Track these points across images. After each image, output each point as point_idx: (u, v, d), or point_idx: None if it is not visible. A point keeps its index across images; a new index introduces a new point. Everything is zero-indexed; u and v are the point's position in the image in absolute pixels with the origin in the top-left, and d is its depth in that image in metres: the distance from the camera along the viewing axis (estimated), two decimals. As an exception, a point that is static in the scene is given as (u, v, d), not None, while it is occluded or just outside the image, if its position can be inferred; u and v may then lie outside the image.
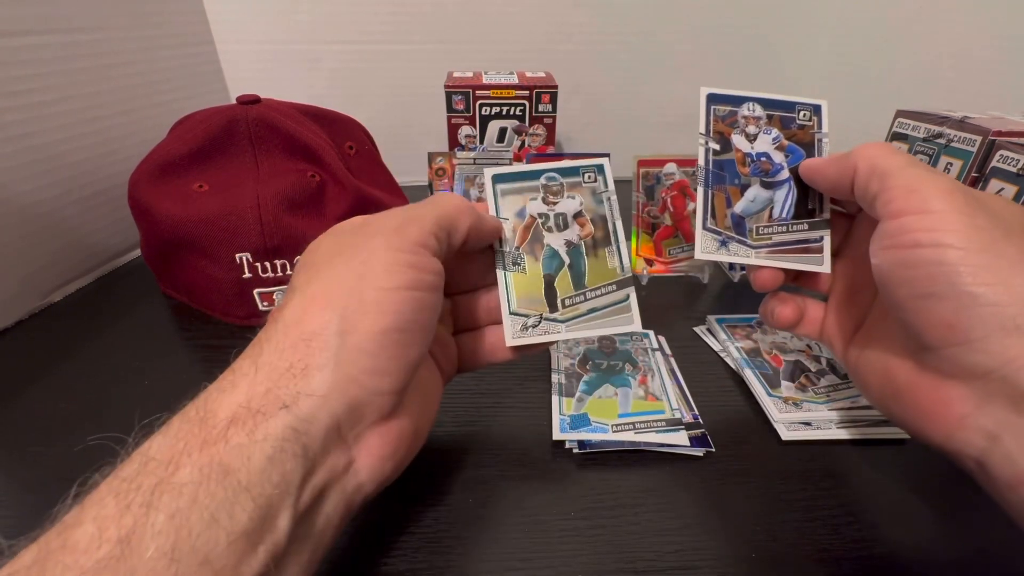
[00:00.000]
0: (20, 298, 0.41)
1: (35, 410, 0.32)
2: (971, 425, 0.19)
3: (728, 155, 0.29)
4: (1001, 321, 0.18)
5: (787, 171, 0.29)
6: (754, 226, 0.28)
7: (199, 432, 0.16)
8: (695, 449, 0.29)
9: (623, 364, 0.35)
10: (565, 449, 0.29)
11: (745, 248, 0.28)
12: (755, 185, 0.29)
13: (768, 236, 0.28)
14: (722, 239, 0.28)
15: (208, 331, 0.39)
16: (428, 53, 0.68)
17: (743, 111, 0.30)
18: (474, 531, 0.25)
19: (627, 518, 0.26)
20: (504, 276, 0.27)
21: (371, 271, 0.20)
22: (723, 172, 0.29)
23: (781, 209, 0.28)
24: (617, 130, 0.77)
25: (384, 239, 0.20)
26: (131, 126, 0.50)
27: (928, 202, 0.20)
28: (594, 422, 0.30)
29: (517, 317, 0.27)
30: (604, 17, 0.69)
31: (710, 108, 0.29)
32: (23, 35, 0.40)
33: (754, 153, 0.29)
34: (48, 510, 0.15)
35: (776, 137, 0.29)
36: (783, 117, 0.30)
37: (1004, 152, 0.32)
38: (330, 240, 0.22)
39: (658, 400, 0.32)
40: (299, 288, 0.20)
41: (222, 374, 0.19)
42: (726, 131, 0.29)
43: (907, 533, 0.25)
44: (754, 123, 0.29)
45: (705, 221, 0.28)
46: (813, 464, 0.29)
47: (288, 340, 0.19)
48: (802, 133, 0.29)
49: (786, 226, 0.28)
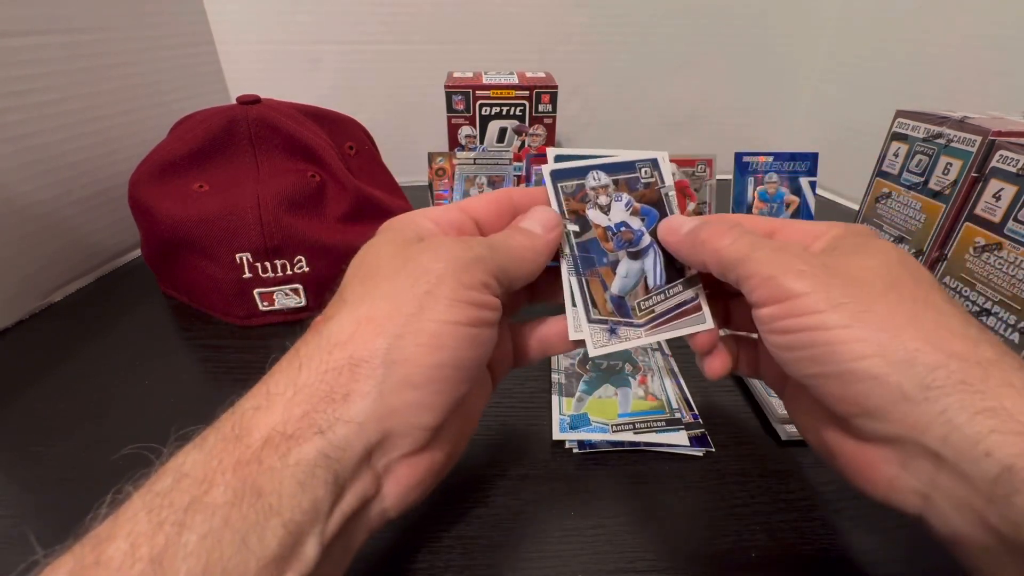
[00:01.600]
0: (20, 298, 0.41)
1: (35, 410, 0.32)
2: (902, 487, 0.18)
3: (589, 234, 0.27)
4: (889, 392, 0.17)
5: (647, 235, 0.27)
6: (634, 302, 0.26)
7: (234, 450, 0.16)
8: (695, 449, 0.29)
9: (623, 364, 0.35)
10: (565, 449, 0.29)
11: (633, 329, 0.26)
12: (624, 259, 0.27)
13: (651, 309, 0.26)
14: (609, 327, 0.26)
15: (208, 331, 0.39)
16: (428, 53, 0.68)
17: (589, 182, 0.28)
18: (473, 531, 0.25)
19: (627, 518, 0.26)
20: (575, 283, 0.26)
21: (434, 302, 0.19)
22: (590, 254, 0.27)
23: (654, 277, 0.27)
24: (617, 130, 0.77)
25: (452, 271, 0.19)
26: (131, 126, 0.50)
27: (787, 288, 0.19)
28: (594, 422, 0.30)
29: (595, 325, 0.25)
30: (604, 17, 0.69)
31: (557, 187, 0.27)
32: (24, 35, 0.40)
33: (612, 225, 0.27)
34: (48, 510, 0.15)
35: (628, 202, 0.27)
36: (628, 179, 0.28)
37: (1004, 152, 0.32)
38: (390, 250, 0.21)
39: (658, 400, 0.32)
40: (351, 302, 0.20)
41: (258, 385, 0.18)
42: (580, 208, 0.27)
43: (907, 533, 0.25)
44: (603, 192, 0.28)
45: (589, 314, 0.26)
46: (813, 464, 0.29)
47: (332, 362, 0.18)
48: (649, 192, 0.28)
49: (663, 293, 0.26)
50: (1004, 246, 0.31)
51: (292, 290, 0.39)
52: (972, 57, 0.54)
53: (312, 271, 0.39)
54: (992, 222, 0.32)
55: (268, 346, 0.38)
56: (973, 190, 0.33)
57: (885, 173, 0.40)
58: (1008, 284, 0.30)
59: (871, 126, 0.47)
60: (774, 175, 0.46)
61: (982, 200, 0.33)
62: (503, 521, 0.25)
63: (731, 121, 0.79)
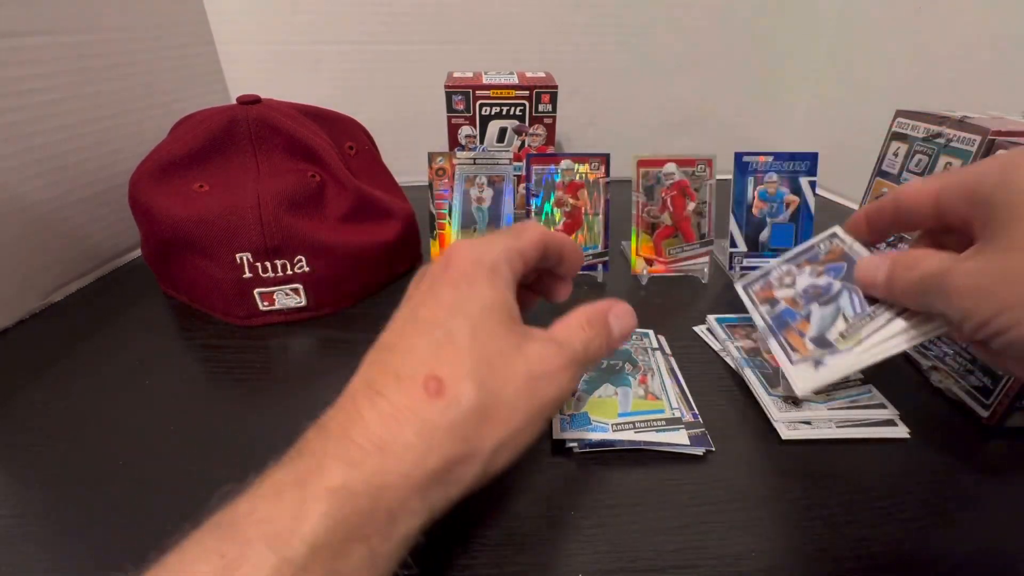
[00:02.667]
0: (20, 298, 0.41)
1: (35, 410, 0.32)
2: None
3: (781, 306, 0.32)
4: None
5: (837, 283, 0.30)
6: (835, 335, 0.28)
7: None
8: (695, 448, 0.29)
9: (623, 363, 0.35)
10: (565, 448, 0.29)
11: (841, 355, 0.27)
12: (815, 309, 0.30)
13: (857, 333, 0.28)
14: (814, 361, 0.28)
15: (208, 331, 0.39)
16: (428, 53, 0.68)
17: (773, 276, 0.34)
18: (473, 530, 0.25)
19: (627, 517, 0.26)
20: (775, 344, 0.30)
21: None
22: (783, 318, 0.31)
23: (853, 309, 0.29)
24: (617, 130, 0.77)
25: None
26: (131, 126, 0.50)
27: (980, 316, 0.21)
28: (594, 421, 0.30)
29: (799, 365, 0.28)
30: (604, 17, 0.69)
31: (749, 293, 0.34)
32: (24, 35, 0.40)
33: (800, 291, 0.32)
34: (48, 510, 0.15)
35: (811, 271, 0.32)
36: (809, 256, 0.33)
37: (1003, 152, 0.32)
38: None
39: (658, 399, 0.32)
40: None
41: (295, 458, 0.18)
42: (770, 295, 0.33)
43: (906, 533, 0.25)
44: (788, 276, 0.33)
45: (791, 359, 0.29)
46: (813, 464, 0.29)
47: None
48: (831, 255, 0.32)
49: (867, 316, 0.28)
50: (1004, 246, 0.31)
51: (292, 290, 0.39)
52: (972, 57, 0.54)
53: (312, 271, 0.39)
54: (992, 222, 0.32)
55: (268, 346, 0.38)
56: (973, 190, 0.33)
57: (885, 173, 0.40)
58: (1008, 284, 0.30)
59: (871, 126, 0.47)
60: (774, 175, 0.46)
61: (982, 200, 0.33)
62: (503, 520, 0.25)
63: (731, 121, 0.79)
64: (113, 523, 0.25)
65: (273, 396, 0.33)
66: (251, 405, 0.33)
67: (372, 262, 0.43)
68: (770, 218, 0.47)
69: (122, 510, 0.26)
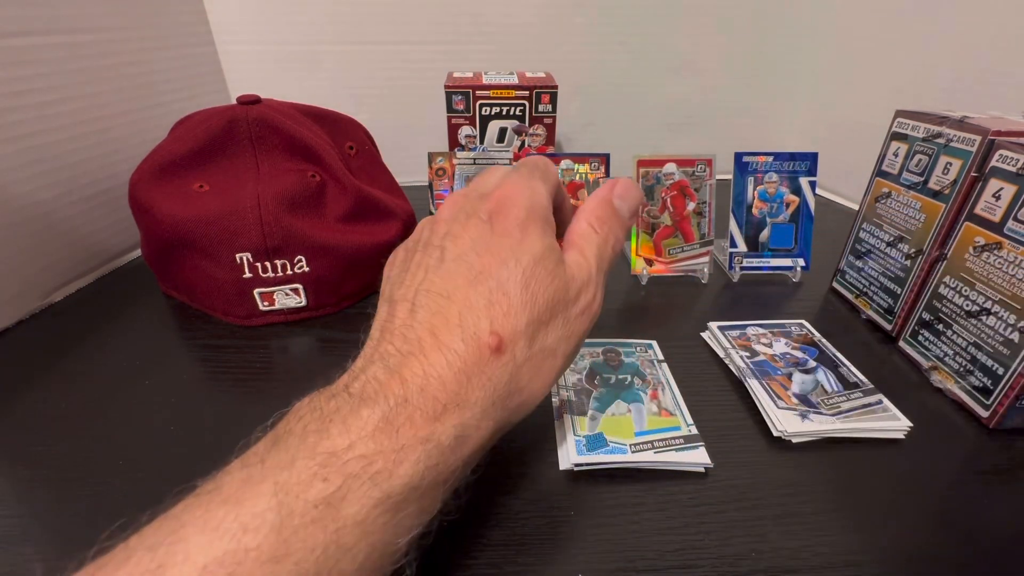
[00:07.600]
0: (20, 298, 0.41)
1: (35, 410, 0.32)
2: None
3: (760, 357, 0.36)
4: None
5: (812, 362, 0.35)
6: (819, 399, 0.32)
7: None
8: (697, 467, 0.28)
9: (632, 378, 0.34)
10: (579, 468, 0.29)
11: (823, 416, 0.31)
12: (797, 373, 0.34)
13: (837, 405, 0.31)
14: (799, 412, 0.31)
15: (208, 331, 0.39)
16: (428, 53, 0.68)
17: (750, 331, 0.38)
18: (474, 530, 0.25)
19: (627, 518, 0.26)
20: (756, 385, 0.33)
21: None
22: (764, 368, 0.35)
23: (830, 386, 0.33)
24: (617, 130, 0.77)
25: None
26: (131, 126, 0.50)
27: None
28: (611, 442, 0.29)
29: (785, 411, 0.31)
30: (604, 17, 0.69)
31: (726, 335, 0.38)
32: (24, 35, 0.40)
33: (779, 354, 0.36)
34: (48, 510, 0.15)
35: (787, 343, 0.37)
36: (783, 332, 0.39)
37: (1003, 152, 0.32)
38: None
39: (672, 415, 0.31)
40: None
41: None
42: (747, 344, 0.37)
43: (906, 533, 0.25)
44: (763, 337, 0.38)
45: (776, 403, 0.32)
46: (813, 464, 0.29)
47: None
48: (803, 338, 0.38)
49: (845, 396, 0.32)
50: (1004, 245, 0.31)
51: (292, 290, 0.39)
52: (972, 57, 0.54)
53: (312, 271, 0.39)
54: (992, 221, 0.32)
55: (268, 346, 0.38)
56: (973, 190, 0.33)
57: (885, 173, 0.40)
58: (1008, 283, 0.30)
59: (871, 126, 0.47)
60: (774, 175, 0.47)
61: (982, 200, 0.33)
62: (503, 520, 0.25)
63: (731, 121, 0.79)
64: (113, 523, 0.25)
65: (273, 396, 0.33)
66: (251, 405, 0.33)
67: (372, 262, 0.43)
68: (770, 218, 0.47)
69: (122, 510, 0.26)
